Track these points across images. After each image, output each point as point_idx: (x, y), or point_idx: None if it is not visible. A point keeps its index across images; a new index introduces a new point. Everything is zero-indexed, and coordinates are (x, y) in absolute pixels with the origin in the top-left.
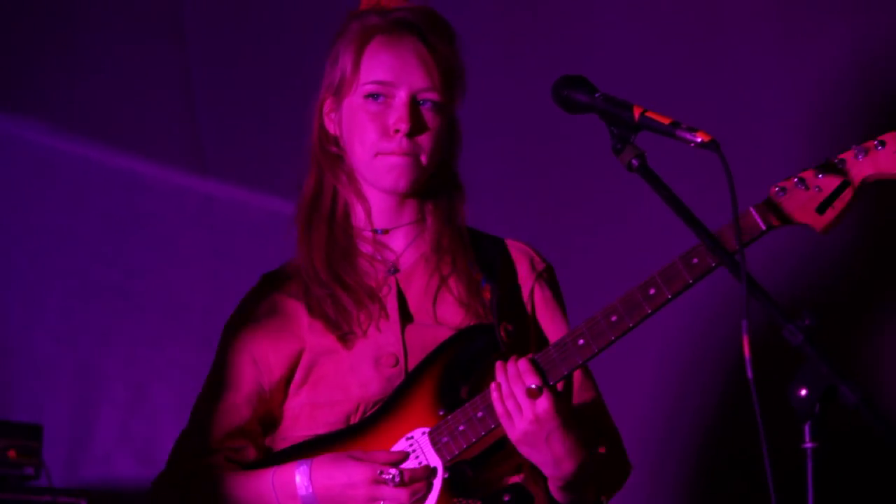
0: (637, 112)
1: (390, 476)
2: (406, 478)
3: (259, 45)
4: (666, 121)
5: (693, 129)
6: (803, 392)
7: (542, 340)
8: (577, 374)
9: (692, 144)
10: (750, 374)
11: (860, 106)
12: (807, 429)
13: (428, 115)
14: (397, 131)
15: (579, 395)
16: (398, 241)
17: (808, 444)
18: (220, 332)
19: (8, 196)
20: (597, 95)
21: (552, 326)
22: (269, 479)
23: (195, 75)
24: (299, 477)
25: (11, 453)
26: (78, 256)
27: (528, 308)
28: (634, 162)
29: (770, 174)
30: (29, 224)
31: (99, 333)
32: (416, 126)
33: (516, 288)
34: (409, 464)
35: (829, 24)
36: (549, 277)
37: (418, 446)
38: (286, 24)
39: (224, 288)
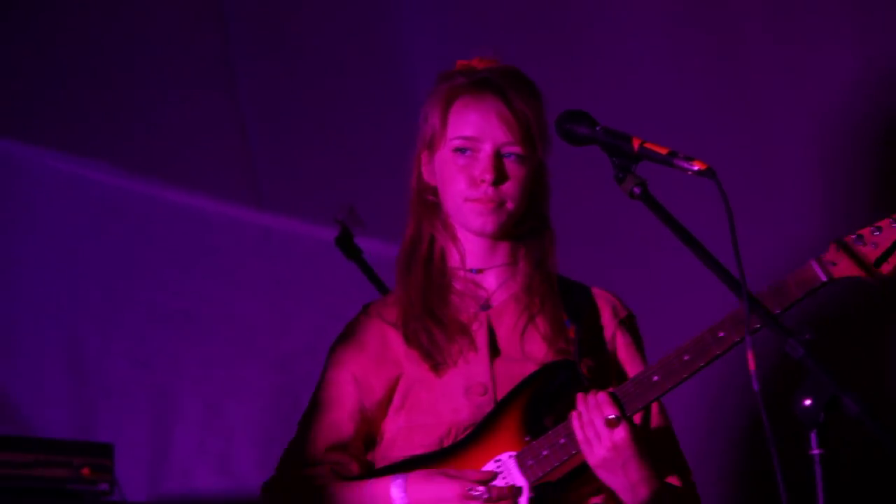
0: (636, 143)
1: (479, 493)
2: (494, 495)
3: (307, 79)
4: (664, 150)
5: (690, 158)
6: (807, 402)
7: (621, 380)
8: (654, 408)
9: (689, 173)
10: (756, 385)
11: (870, 129)
12: (813, 436)
13: (511, 166)
14: (483, 181)
15: (654, 427)
16: (490, 281)
17: (815, 451)
18: (284, 353)
19: (79, 232)
20: (597, 128)
21: (631, 370)
22: (367, 490)
23: (247, 114)
24: (395, 490)
25: (86, 471)
26: (147, 286)
27: (609, 350)
28: (636, 190)
29: (783, 198)
30: (100, 258)
31: (171, 357)
32: (500, 176)
33: (599, 330)
34: (497, 484)
35: (840, 43)
36: (630, 325)
37: (505, 468)
38: (333, 56)
39: (285, 312)
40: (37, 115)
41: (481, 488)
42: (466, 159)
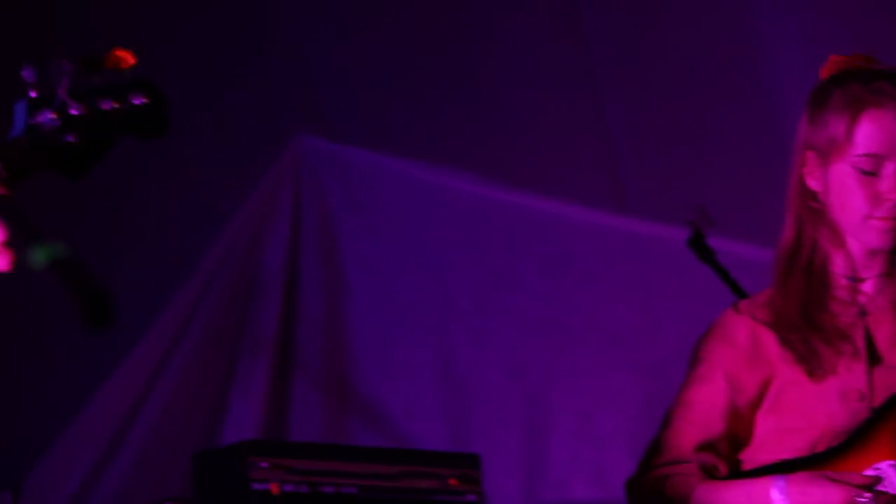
0: None
1: (865, 500)
2: (882, 502)
3: (665, 81)
4: None
5: None
6: None
7: None
8: None
9: None
10: None
11: None
12: None
13: None
14: (888, 199)
15: None
16: (868, 289)
17: None
18: (654, 360)
19: (447, 242)
20: None
21: None
22: (742, 490)
23: (609, 118)
24: (775, 491)
25: (453, 481)
26: (516, 294)
27: None
28: None
29: None
30: (469, 267)
31: (544, 366)
32: None
33: None
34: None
35: None
36: None
37: (886, 476)
38: (691, 59)
39: (652, 318)
40: (402, 128)
41: (868, 495)
42: (869, 176)
